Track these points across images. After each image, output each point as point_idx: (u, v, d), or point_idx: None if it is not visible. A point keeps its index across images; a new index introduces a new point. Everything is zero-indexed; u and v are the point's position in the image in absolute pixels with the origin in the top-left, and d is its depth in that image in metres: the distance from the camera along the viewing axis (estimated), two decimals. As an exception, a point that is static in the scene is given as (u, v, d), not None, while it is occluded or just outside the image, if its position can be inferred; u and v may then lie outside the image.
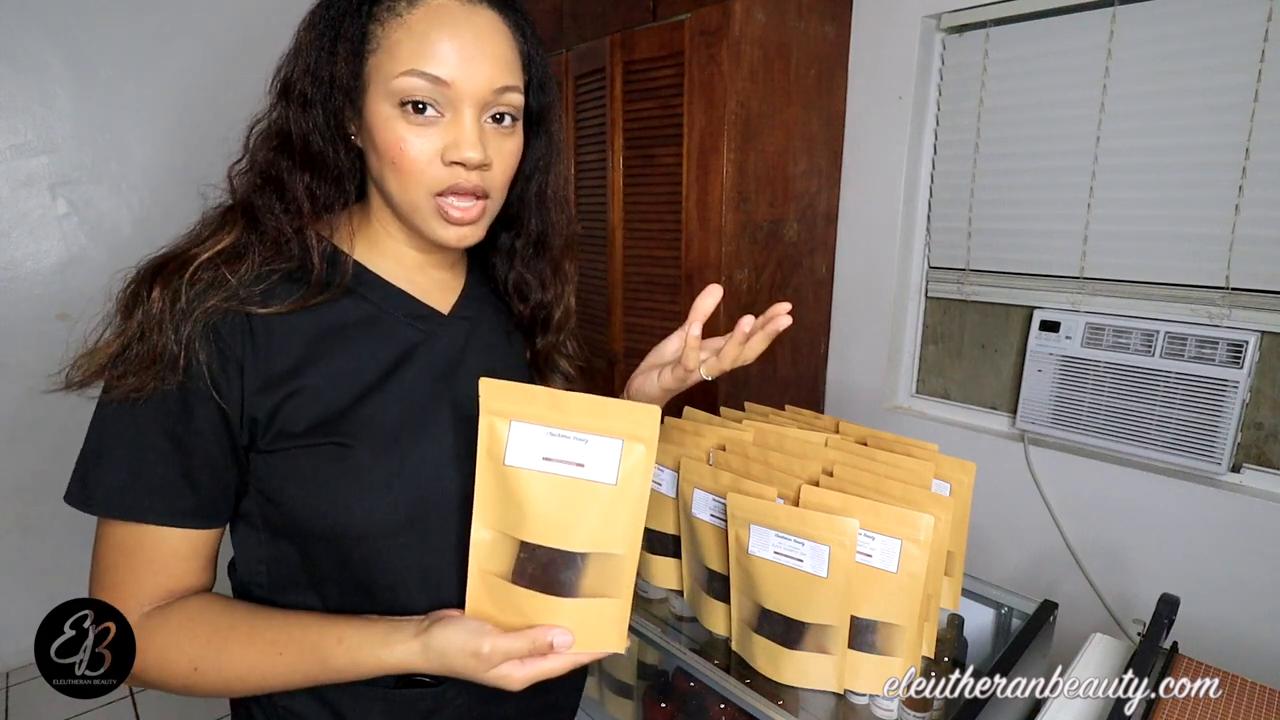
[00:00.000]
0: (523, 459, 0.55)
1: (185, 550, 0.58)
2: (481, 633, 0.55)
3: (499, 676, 0.55)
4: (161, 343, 0.53)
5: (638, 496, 0.56)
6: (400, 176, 0.58)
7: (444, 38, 0.55)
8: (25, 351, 1.96)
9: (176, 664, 0.56)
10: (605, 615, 0.57)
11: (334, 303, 0.61)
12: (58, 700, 1.82)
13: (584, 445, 0.55)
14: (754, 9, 1.49)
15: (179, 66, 2.09)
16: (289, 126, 0.58)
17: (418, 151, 0.56)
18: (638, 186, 1.72)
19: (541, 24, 1.92)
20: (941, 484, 0.91)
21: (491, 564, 0.57)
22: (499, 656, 0.54)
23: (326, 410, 0.58)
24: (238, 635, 0.57)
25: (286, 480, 0.58)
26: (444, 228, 0.60)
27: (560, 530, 0.55)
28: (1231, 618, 1.35)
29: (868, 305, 1.82)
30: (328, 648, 0.56)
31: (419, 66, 0.54)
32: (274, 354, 0.57)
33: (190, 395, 0.55)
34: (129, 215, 2.06)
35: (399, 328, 0.64)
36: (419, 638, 0.56)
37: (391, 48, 0.55)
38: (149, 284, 0.55)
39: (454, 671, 0.56)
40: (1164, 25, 1.34)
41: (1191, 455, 1.38)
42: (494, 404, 0.55)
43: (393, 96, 0.55)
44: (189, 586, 0.59)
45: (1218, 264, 1.34)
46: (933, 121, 1.72)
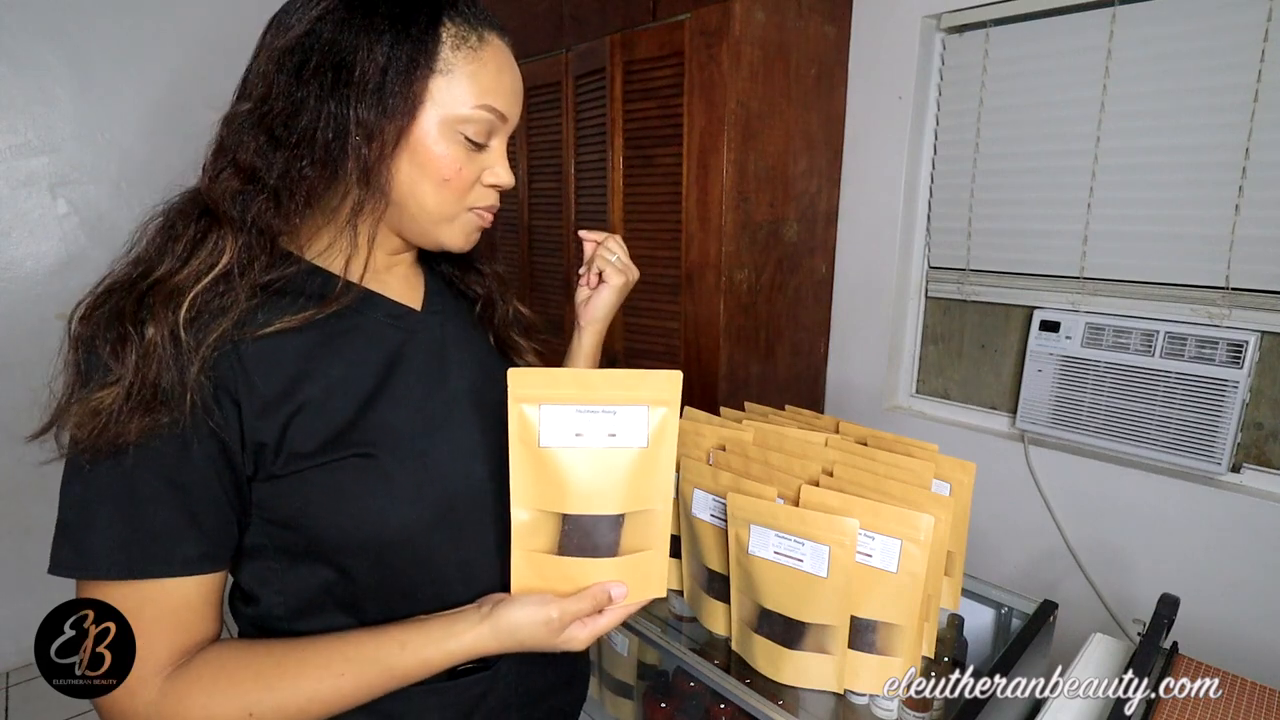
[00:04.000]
0: (557, 439, 0.58)
1: (197, 599, 0.55)
2: (546, 602, 0.58)
3: (567, 639, 0.59)
4: (167, 383, 0.50)
5: (668, 453, 0.60)
6: (444, 192, 0.60)
7: (510, 79, 0.61)
8: (25, 351, 1.96)
9: (227, 717, 0.53)
10: (646, 567, 0.62)
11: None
12: (58, 700, 1.82)
13: (613, 417, 0.59)
14: (754, 9, 1.49)
15: (179, 66, 2.09)
16: (314, 118, 0.54)
17: (470, 174, 0.61)
18: (638, 186, 1.72)
19: (541, 24, 1.93)
20: (941, 484, 0.92)
21: (534, 542, 0.60)
22: (569, 618, 0.58)
23: (335, 423, 0.57)
24: (286, 670, 0.55)
25: (309, 501, 0.56)
26: (469, 238, 0.65)
27: (600, 498, 0.59)
28: (1231, 618, 1.35)
29: (868, 305, 1.82)
30: (391, 656, 0.56)
31: (493, 104, 0.59)
32: (267, 375, 0.55)
33: (186, 434, 0.52)
34: (129, 215, 2.03)
35: (382, 330, 0.64)
36: (486, 621, 0.58)
37: (466, 78, 0.58)
38: (135, 322, 0.51)
39: (525, 645, 0.58)
40: (1164, 25, 1.34)
41: (1191, 455, 1.38)
42: (522, 391, 0.58)
43: (459, 123, 0.59)
44: (204, 638, 0.56)
45: (1218, 264, 1.34)
46: (933, 121, 1.72)
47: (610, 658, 1.23)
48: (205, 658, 0.55)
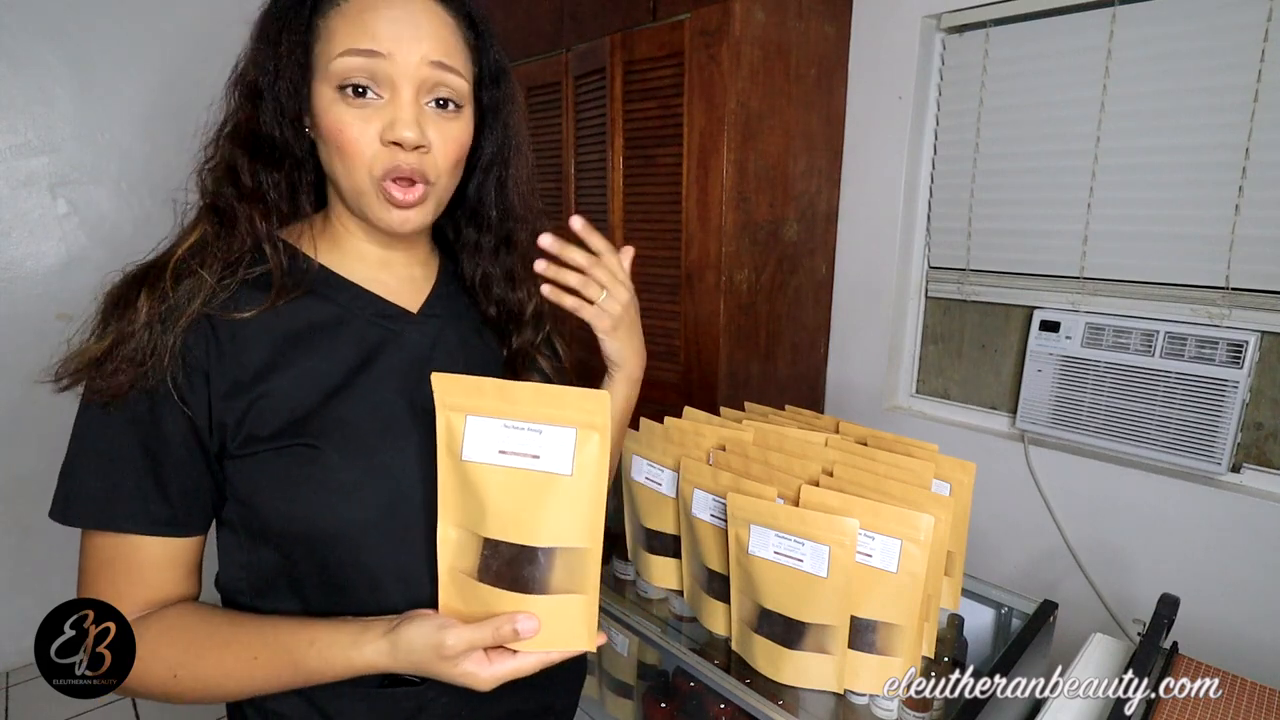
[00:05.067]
0: (479, 453, 0.54)
1: (163, 560, 0.58)
2: (445, 626, 0.54)
3: (465, 674, 0.54)
4: (150, 343, 0.54)
5: (596, 487, 0.54)
6: (344, 159, 0.59)
7: (378, 17, 0.57)
8: (25, 351, 1.95)
9: (155, 672, 0.56)
10: (573, 612, 0.56)
11: (299, 306, 0.61)
12: (58, 700, 1.81)
13: (539, 436, 0.54)
14: (754, 9, 1.49)
15: (179, 66, 2.08)
16: (245, 121, 0.60)
17: (358, 133, 0.57)
18: (638, 186, 1.72)
19: (541, 24, 1.93)
20: (941, 484, 0.92)
21: (460, 561, 0.57)
22: (463, 646, 0.53)
23: (294, 412, 0.58)
24: (215, 642, 0.57)
25: (259, 484, 0.58)
26: (386, 211, 0.60)
27: (520, 525, 0.54)
28: (1231, 618, 1.35)
29: (868, 305, 1.82)
30: (300, 650, 0.56)
31: (354, 44, 0.56)
32: (240, 359, 0.58)
33: (158, 404, 0.55)
34: (129, 215, 2.06)
35: (365, 328, 0.64)
36: (387, 636, 0.55)
37: (330, 33, 0.57)
38: (136, 288, 0.56)
39: (421, 670, 0.55)
40: (1164, 25, 1.34)
41: (1191, 455, 1.38)
42: (449, 398, 0.55)
43: (332, 80, 0.57)
44: (170, 596, 0.59)
45: (1218, 264, 1.34)
46: (933, 121, 1.72)
47: (610, 658, 1.23)
48: (161, 614, 0.58)
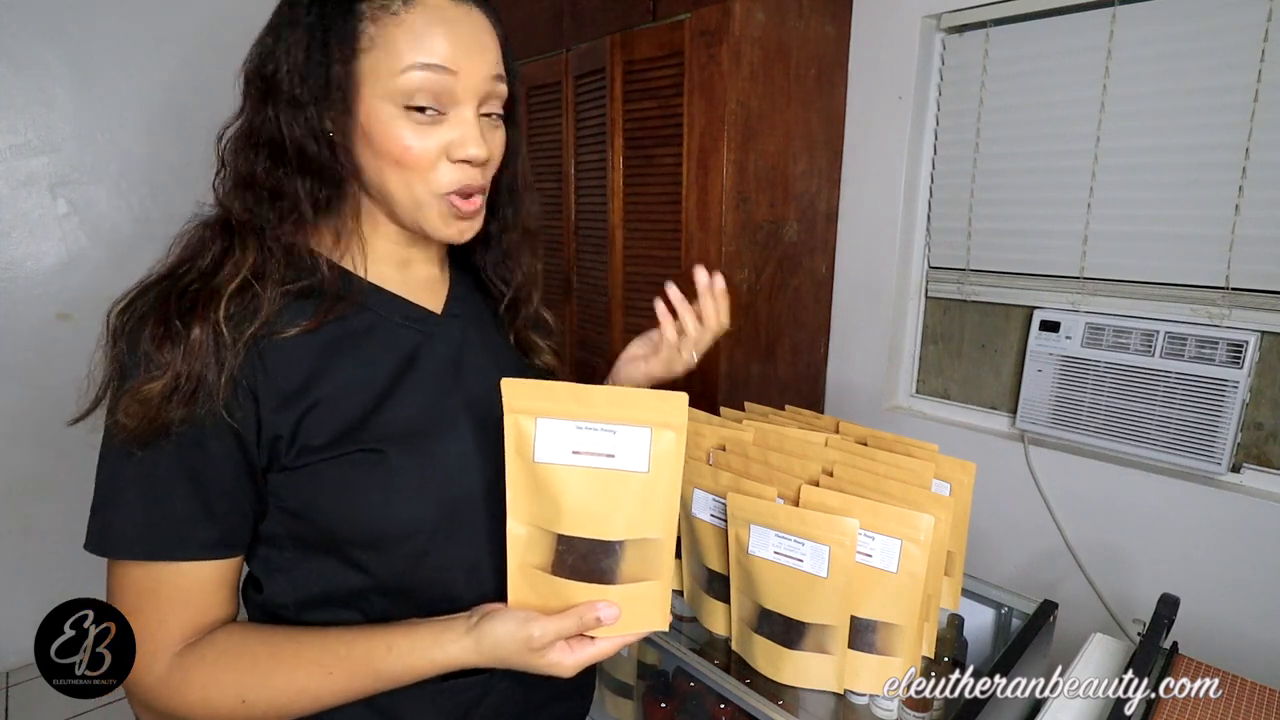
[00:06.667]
0: (552, 454, 0.56)
1: (210, 582, 0.58)
2: (530, 619, 0.56)
3: (550, 664, 0.56)
4: (210, 376, 0.53)
5: (670, 481, 0.57)
6: (405, 175, 0.58)
7: (444, 32, 0.56)
8: (25, 351, 1.95)
9: (223, 700, 0.55)
10: (648, 597, 0.58)
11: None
12: (58, 700, 1.81)
13: (613, 436, 0.56)
14: (754, 9, 1.49)
15: (179, 66, 2.08)
16: (279, 131, 0.56)
17: (422, 150, 0.57)
18: (638, 186, 1.72)
19: (541, 24, 1.93)
20: (941, 484, 0.91)
21: (531, 557, 0.58)
22: (550, 637, 0.55)
23: (347, 419, 0.58)
24: (282, 661, 0.57)
25: (315, 494, 0.58)
26: (448, 224, 0.62)
27: (596, 521, 0.56)
28: (1231, 618, 1.35)
29: (868, 305, 1.82)
30: (378, 658, 0.56)
31: (423, 59, 0.55)
32: (285, 372, 0.57)
33: (205, 427, 0.54)
34: (129, 215, 2.06)
35: (398, 331, 0.64)
36: (470, 634, 0.56)
37: (390, 45, 0.55)
38: (181, 319, 0.53)
39: (507, 663, 0.57)
40: (1164, 25, 1.34)
41: (1191, 455, 1.38)
42: (517, 402, 0.56)
43: (395, 95, 0.56)
44: (217, 619, 0.59)
45: (1218, 264, 1.34)
46: (933, 121, 1.72)
47: (610, 658, 1.23)
48: (212, 639, 0.57)
